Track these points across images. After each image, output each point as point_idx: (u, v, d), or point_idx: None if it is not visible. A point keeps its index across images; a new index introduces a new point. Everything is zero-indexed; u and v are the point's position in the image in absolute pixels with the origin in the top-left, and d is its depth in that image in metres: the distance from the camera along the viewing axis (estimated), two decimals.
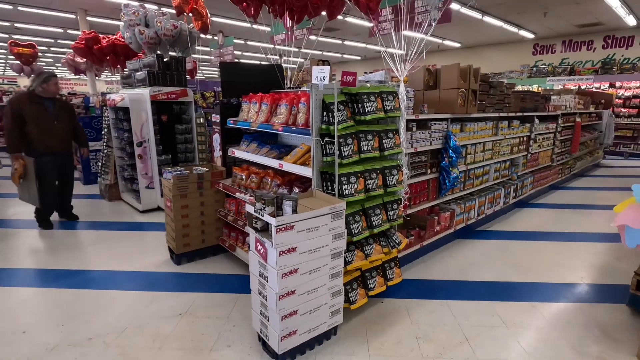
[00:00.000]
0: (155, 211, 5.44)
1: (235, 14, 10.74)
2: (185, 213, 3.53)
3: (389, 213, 2.70)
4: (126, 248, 4.11)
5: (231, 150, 3.65)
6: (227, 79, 3.69)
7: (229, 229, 3.75)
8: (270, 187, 3.40)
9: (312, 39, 9.05)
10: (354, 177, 2.42)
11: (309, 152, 3.04)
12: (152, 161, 5.25)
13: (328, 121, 2.40)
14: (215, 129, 3.81)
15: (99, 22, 11.65)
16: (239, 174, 3.61)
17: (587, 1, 8.84)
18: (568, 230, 4.74)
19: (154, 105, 5.11)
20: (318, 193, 2.53)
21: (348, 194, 2.39)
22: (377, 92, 2.52)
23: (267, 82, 3.93)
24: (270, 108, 3.27)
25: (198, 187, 3.56)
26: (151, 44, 5.65)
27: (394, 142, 2.63)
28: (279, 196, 2.10)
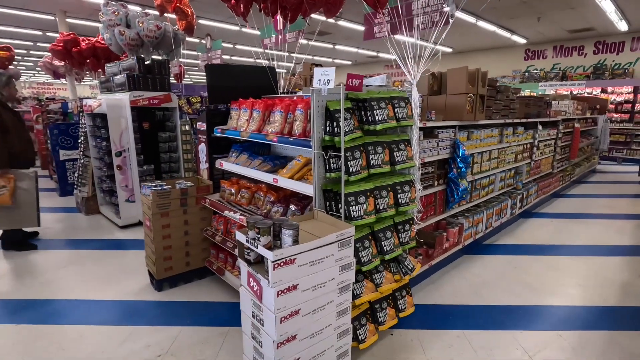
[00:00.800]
0: (136, 226, 5.00)
1: (224, 16, 10.38)
2: (166, 233, 3.13)
3: (401, 235, 2.36)
4: (102, 271, 3.68)
5: (219, 163, 3.28)
6: (214, 82, 3.33)
7: (217, 249, 3.36)
8: (263, 204, 3.03)
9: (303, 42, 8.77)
10: (362, 196, 2.08)
11: (308, 165, 2.70)
12: (132, 172, 4.82)
13: (332, 131, 2.06)
14: (201, 139, 3.43)
15: (80, 24, 11.14)
16: (227, 189, 3.24)
17: (582, 6, 8.76)
18: (579, 243, 4.48)
19: (134, 111, 4.70)
20: (320, 214, 2.18)
21: (356, 216, 2.04)
22: (388, 98, 2.19)
23: (258, 86, 3.58)
24: (263, 115, 2.91)
25: (181, 203, 3.17)
26: (132, 46, 5.24)
27: (406, 155, 2.30)
28: (276, 223, 1.74)
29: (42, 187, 7.36)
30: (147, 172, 4.91)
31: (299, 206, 2.69)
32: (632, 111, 11.29)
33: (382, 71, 18.88)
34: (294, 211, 2.68)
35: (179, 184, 3.27)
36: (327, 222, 2.11)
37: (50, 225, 5.04)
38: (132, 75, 4.68)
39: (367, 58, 17.85)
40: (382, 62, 18.60)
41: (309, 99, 2.76)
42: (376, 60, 18.29)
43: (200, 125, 3.39)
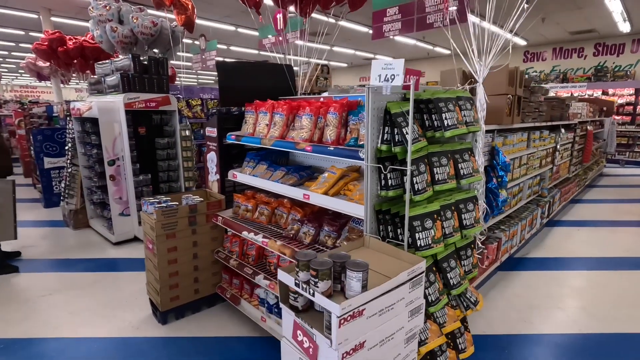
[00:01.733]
0: (132, 242, 4.51)
1: (219, 15, 9.93)
2: (173, 258, 2.68)
3: (464, 263, 1.97)
4: (94, 299, 3.19)
5: (232, 174, 2.85)
6: (226, 82, 2.90)
7: (230, 274, 2.92)
8: (286, 222, 2.61)
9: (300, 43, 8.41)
10: (429, 219, 1.68)
11: (344, 178, 2.30)
12: (127, 183, 4.34)
13: (391, 139, 1.66)
14: (211, 146, 2.99)
15: (66, 23, 10.54)
16: (243, 204, 2.81)
17: (589, 6, 8.59)
18: (618, 255, 4.17)
19: (129, 115, 4.23)
20: (373, 242, 1.77)
21: (424, 245, 1.64)
22: (454, 99, 1.80)
23: (275, 87, 3.16)
24: (287, 120, 2.50)
25: (190, 222, 2.73)
26: (126, 44, 4.77)
27: (471, 166, 1.91)
28: (337, 262, 1.33)
29: (26, 197, 6.80)
30: (143, 183, 4.44)
31: (334, 227, 2.27)
32: (634, 113, 11.20)
33: None
34: (329, 232, 2.27)
35: (186, 199, 2.82)
36: (384, 251, 1.70)
37: (33, 243, 4.52)
38: (126, 76, 4.22)
39: (363, 60, 17.55)
40: None
41: (343, 100, 2.37)
42: None
43: (210, 131, 2.95)
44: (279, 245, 2.26)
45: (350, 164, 2.60)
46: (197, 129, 5.15)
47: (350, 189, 2.22)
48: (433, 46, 13.62)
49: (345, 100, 2.34)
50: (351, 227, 2.23)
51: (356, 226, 2.21)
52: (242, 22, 10.52)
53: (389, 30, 6.81)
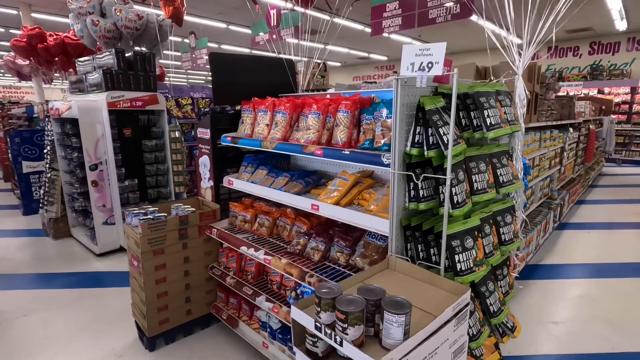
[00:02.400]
0: (118, 253, 4.16)
1: (210, 12, 9.57)
2: (161, 276, 2.36)
3: (501, 284, 1.70)
4: (75, 320, 2.85)
5: (228, 181, 2.54)
6: (220, 77, 2.59)
7: (227, 292, 2.61)
8: (290, 235, 2.31)
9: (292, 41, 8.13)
10: (470, 237, 1.40)
11: (357, 185, 2.02)
12: (111, 189, 4.00)
13: (424, 142, 1.38)
14: (204, 149, 2.68)
15: (48, 19, 10.06)
16: (240, 214, 2.50)
17: (588, 4, 8.46)
18: (635, 260, 3.96)
19: (113, 115, 3.89)
20: (400, 263, 1.49)
21: (465, 269, 1.36)
22: (494, 93, 1.53)
23: (274, 83, 2.86)
24: (290, 119, 2.21)
25: (180, 236, 2.41)
26: (109, 39, 4.42)
27: (511, 172, 1.65)
28: (371, 299, 1.04)
29: (4, 204, 6.37)
30: (129, 188, 4.09)
31: (346, 241, 1.99)
32: (630, 112, 11.15)
33: (373, 72, 18.40)
34: (341, 248, 1.98)
35: (176, 209, 2.51)
36: (415, 276, 1.42)
37: (8, 255, 4.14)
38: (109, 73, 3.87)
39: (357, 59, 17.31)
40: (373, 64, 18.12)
41: (355, 96, 2.08)
42: (367, 61, 17.79)
43: (203, 133, 2.64)
44: (284, 264, 1.96)
45: (361, 169, 2.32)
46: (188, 130, 4.82)
47: (365, 198, 1.94)
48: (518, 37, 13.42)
49: (358, 97, 2.06)
50: (366, 242, 1.95)
51: (373, 241, 1.93)
52: (234, 19, 10.18)
53: (389, 26, 6.51)
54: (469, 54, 14.60)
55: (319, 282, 1.77)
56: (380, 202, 1.81)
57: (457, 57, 14.76)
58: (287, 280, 2.22)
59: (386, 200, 1.78)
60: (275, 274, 2.28)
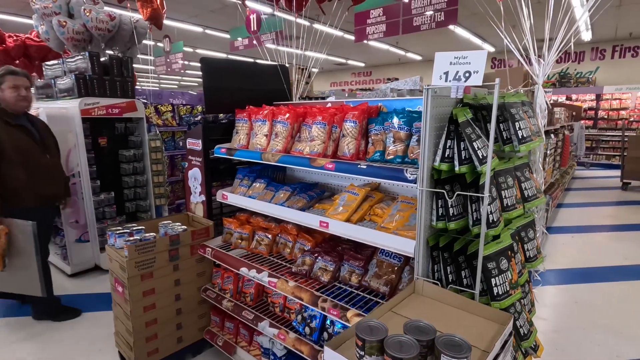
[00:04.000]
0: (93, 272, 3.83)
1: (186, 15, 9.26)
2: (150, 302, 2.14)
3: (524, 302, 1.62)
4: (43, 354, 2.55)
5: (221, 195, 2.35)
6: (212, 83, 2.41)
7: (222, 316, 2.41)
8: (292, 253, 2.16)
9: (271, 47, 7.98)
10: (504, 258, 1.31)
11: (368, 200, 1.90)
12: (85, 203, 3.68)
13: (456, 156, 1.27)
14: (194, 161, 2.48)
15: (7, 19, 9.40)
16: (236, 231, 2.32)
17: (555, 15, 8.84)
18: (623, 263, 4.06)
19: (87, 123, 3.59)
20: (428, 288, 1.37)
21: (502, 293, 1.26)
22: (520, 103, 1.45)
23: (269, 91, 2.71)
24: (292, 129, 2.06)
25: (171, 257, 2.20)
26: (78, 41, 4.11)
27: (534, 186, 1.58)
28: (423, 340, 0.91)
29: None
30: (105, 202, 3.79)
31: (358, 261, 1.85)
32: (596, 117, 11.74)
33: (350, 79, 18.51)
34: (352, 268, 1.85)
35: (165, 227, 2.29)
36: (447, 302, 1.31)
37: None
38: (82, 77, 3.58)
39: (334, 65, 17.35)
40: (350, 69, 18.22)
41: (363, 105, 1.97)
42: (344, 67, 17.86)
43: (193, 144, 2.44)
44: (292, 287, 1.80)
45: (367, 182, 2.21)
46: (168, 139, 4.56)
47: (377, 214, 1.83)
48: (405, 52, 13.64)
49: (366, 106, 1.95)
50: (380, 260, 1.83)
51: (386, 259, 1.81)
52: (211, 22, 9.90)
53: (373, 32, 6.47)
54: None
55: (333, 307, 1.63)
56: (396, 218, 1.69)
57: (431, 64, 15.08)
58: (291, 302, 2.05)
59: (403, 217, 1.67)
60: (277, 295, 2.11)
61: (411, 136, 1.71)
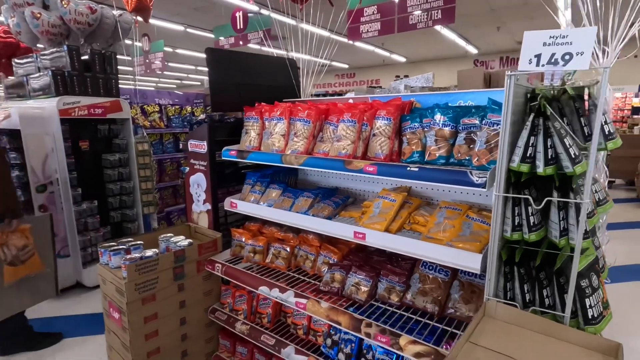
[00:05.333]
0: (74, 290, 3.45)
1: (167, 13, 8.84)
2: (152, 329, 1.85)
3: None
4: None
5: (230, 203, 2.09)
6: (218, 76, 2.14)
7: (234, 339, 2.14)
8: (315, 267, 1.92)
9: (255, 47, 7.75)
10: (594, 273, 1.13)
11: (405, 207, 1.69)
12: (65, 214, 3.31)
13: (544, 156, 1.08)
14: (197, 166, 2.20)
15: None
16: (248, 244, 2.06)
17: (539, 17, 9.00)
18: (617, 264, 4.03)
19: (66, 125, 3.24)
20: (503, 310, 1.17)
21: (597, 315, 1.08)
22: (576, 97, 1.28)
23: (278, 87, 2.47)
24: (314, 128, 1.83)
25: (175, 276, 1.92)
26: (54, 35, 3.72)
27: (602, 189, 1.41)
28: None
29: None
30: (87, 212, 3.43)
31: (399, 276, 1.64)
32: None
33: (333, 80, 18.39)
34: (392, 284, 1.63)
35: (166, 242, 2.01)
36: (528, 326, 1.11)
37: None
38: (61, 74, 3.22)
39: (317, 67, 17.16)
40: (334, 71, 18.10)
41: (396, 100, 1.77)
42: (328, 69, 17.71)
43: (196, 146, 2.17)
44: (325, 309, 1.56)
45: (396, 184, 2.00)
46: (156, 142, 4.22)
47: (419, 222, 1.62)
48: (390, 53, 13.64)
49: (400, 102, 1.75)
50: (423, 275, 1.62)
51: (430, 273, 1.61)
52: (194, 21, 9.51)
53: (367, 31, 6.30)
54: (427, 63, 15.07)
55: (381, 333, 1.41)
56: (445, 227, 1.49)
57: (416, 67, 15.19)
58: (317, 323, 1.81)
59: (454, 226, 1.47)
60: (300, 316, 1.87)
61: (457, 134, 1.52)
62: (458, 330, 1.42)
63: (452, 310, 1.49)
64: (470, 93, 1.67)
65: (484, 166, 1.36)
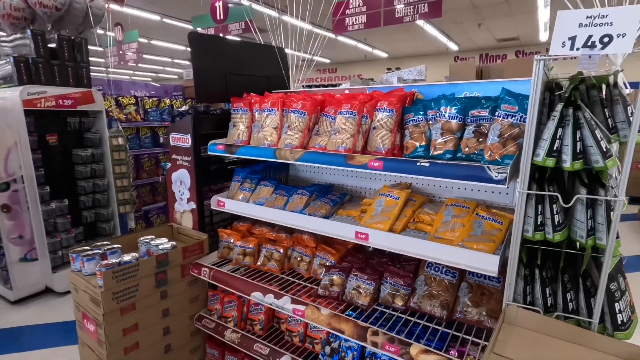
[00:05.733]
0: (42, 297, 3.19)
1: (141, 1, 8.41)
2: (132, 342, 1.68)
3: None
4: None
5: (216, 201, 1.94)
6: (202, 63, 1.96)
7: (222, 348, 1.99)
8: (310, 269, 1.80)
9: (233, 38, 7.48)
10: (620, 275, 1.06)
11: (409, 204, 1.59)
12: (31, 214, 3.04)
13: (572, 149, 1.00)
14: (180, 161, 2.03)
15: None
16: (237, 245, 1.91)
17: (520, 15, 9.14)
18: None
19: (31, 117, 2.97)
20: (524, 315, 1.09)
21: (626, 320, 1.01)
22: None
23: (267, 77, 2.32)
24: (309, 121, 1.70)
25: (158, 282, 1.75)
26: (17, 19, 3.41)
27: None
28: None
29: None
30: (57, 212, 3.17)
31: (404, 279, 1.53)
32: None
33: (315, 75, 18.20)
34: (396, 287, 1.53)
35: (146, 245, 1.83)
36: (552, 333, 1.03)
37: None
38: (25, 61, 2.94)
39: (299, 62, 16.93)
40: (316, 66, 17.90)
41: (398, 91, 1.66)
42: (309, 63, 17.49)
43: (179, 139, 1.99)
44: (327, 316, 1.44)
45: (394, 181, 1.90)
46: (132, 136, 3.96)
47: (424, 221, 1.52)
48: (372, 48, 13.58)
49: (402, 92, 1.64)
50: (429, 277, 1.52)
51: (437, 275, 1.52)
52: (170, 10, 9.10)
53: (352, 23, 6.17)
54: (408, 59, 15.12)
55: (389, 342, 1.30)
56: (453, 226, 1.40)
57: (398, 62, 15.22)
58: (314, 330, 1.69)
59: (464, 225, 1.38)
60: (295, 322, 1.74)
61: (464, 127, 1.43)
62: (469, 335, 1.33)
63: (461, 315, 1.40)
64: (477, 84, 1.58)
65: (497, 161, 1.27)
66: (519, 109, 1.25)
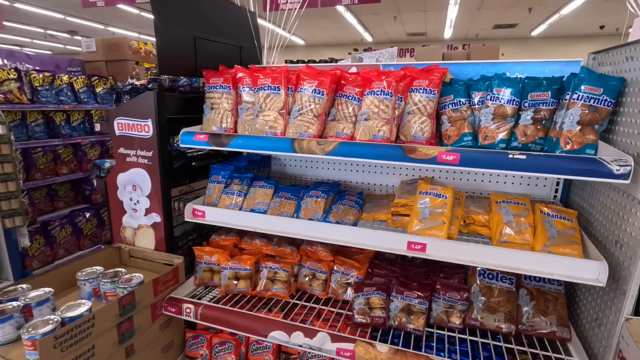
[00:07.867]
0: None
1: None
2: None
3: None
4: None
5: (192, 210, 1.43)
6: (167, 24, 1.39)
7: None
8: (327, 289, 1.46)
9: (135, 12, 6.34)
10: None
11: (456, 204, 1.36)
12: None
13: None
14: (133, 157, 1.44)
15: None
16: (227, 267, 1.44)
17: (433, 10, 9.74)
18: None
19: None
20: None
21: None
22: None
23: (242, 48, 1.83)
24: (327, 102, 1.34)
25: (122, 335, 1.19)
26: None
27: None
28: None
29: None
30: None
31: (460, 292, 1.29)
32: None
33: None
34: (451, 302, 1.29)
35: (93, 281, 1.25)
36: None
37: None
38: None
39: None
40: None
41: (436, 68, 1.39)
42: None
43: (132, 127, 1.40)
44: (387, 353, 1.12)
45: (412, 176, 1.65)
46: (15, 122, 2.91)
47: (479, 222, 1.31)
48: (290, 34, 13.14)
49: (441, 70, 1.37)
50: (483, 285, 1.32)
51: (492, 283, 1.32)
52: None
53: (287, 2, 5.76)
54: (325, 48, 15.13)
55: None
56: (517, 227, 1.21)
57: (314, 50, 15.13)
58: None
59: (532, 225, 1.20)
60: (315, 357, 1.38)
61: (519, 112, 1.24)
62: (546, 351, 1.17)
63: (528, 327, 1.23)
64: (520, 63, 1.40)
65: (576, 150, 1.11)
66: (603, 91, 1.10)
